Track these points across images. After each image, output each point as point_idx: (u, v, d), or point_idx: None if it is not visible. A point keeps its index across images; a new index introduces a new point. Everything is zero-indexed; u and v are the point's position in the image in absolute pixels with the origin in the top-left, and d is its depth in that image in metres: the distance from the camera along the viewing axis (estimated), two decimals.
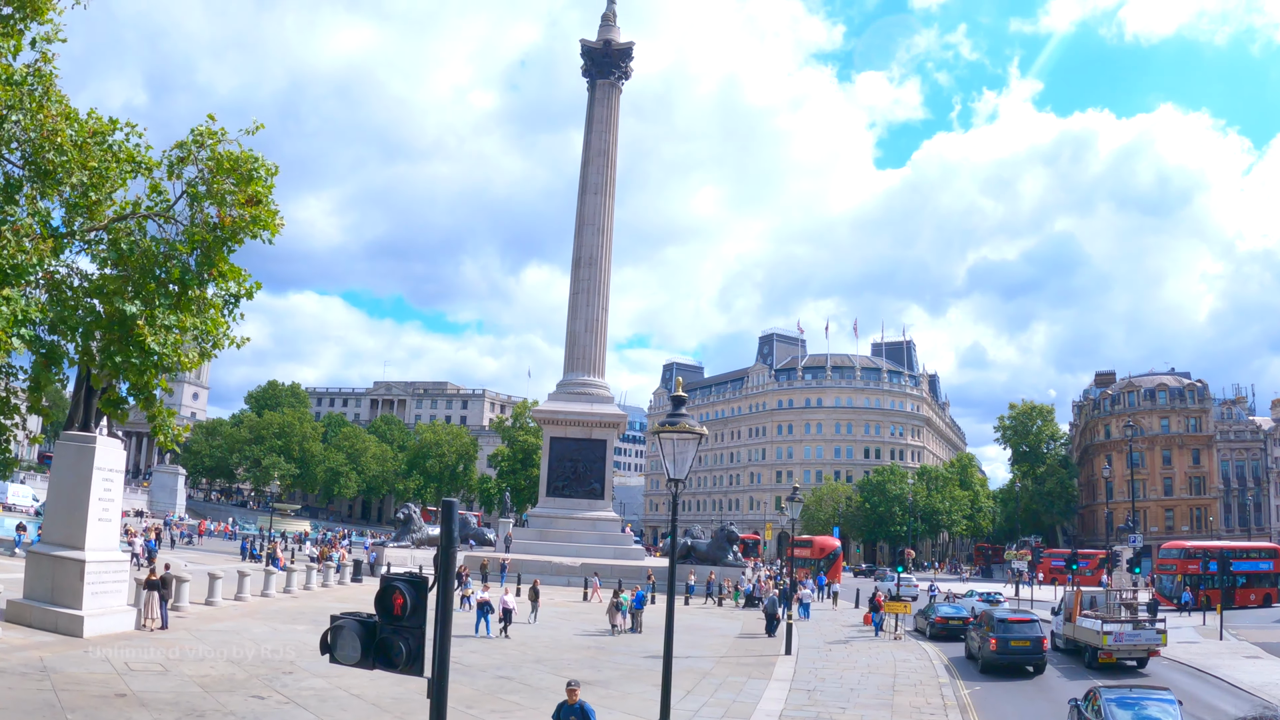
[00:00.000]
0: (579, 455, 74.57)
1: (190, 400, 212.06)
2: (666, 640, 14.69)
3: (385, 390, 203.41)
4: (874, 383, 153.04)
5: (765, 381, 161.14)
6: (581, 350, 77.76)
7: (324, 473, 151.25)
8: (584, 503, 72.89)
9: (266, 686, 23.00)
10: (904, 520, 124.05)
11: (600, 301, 78.00)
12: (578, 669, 27.65)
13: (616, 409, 76.35)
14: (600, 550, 67.69)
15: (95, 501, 28.87)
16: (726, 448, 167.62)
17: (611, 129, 79.80)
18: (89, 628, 27.20)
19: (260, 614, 37.00)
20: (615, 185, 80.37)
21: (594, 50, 79.91)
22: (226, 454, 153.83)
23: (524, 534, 75.31)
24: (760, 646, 35.35)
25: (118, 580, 29.59)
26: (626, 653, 32.35)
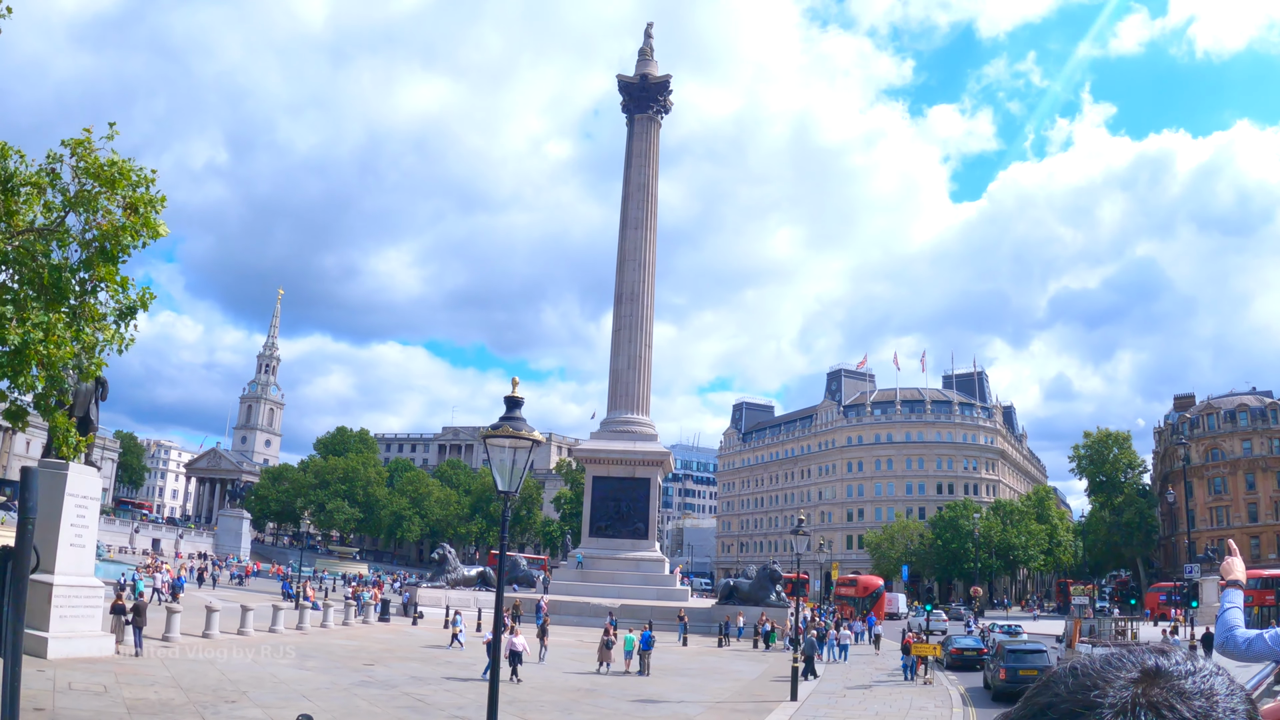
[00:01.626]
0: (622, 494, 72.86)
1: (263, 447, 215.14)
2: (491, 682, 12.64)
3: (453, 435, 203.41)
4: (945, 415, 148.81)
5: (834, 418, 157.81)
6: (624, 387, 76.26)
7: (388, 517, 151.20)
8: (627, 543, 71.06)
9: (197, 713, 22.31)
10: (978, 556, 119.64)
11: (643, 338, 76.49)
12: (549, 712, 26.08)
13: (660, 446, 74.44)
14: (643, 591, 65.70)
15: (67, 527, 29.22)
16: (796, 486, 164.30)
17: (651, 163, 78.63)
18: (53, 649, 27.17)
19: (252, 647, 36.13)
20: (657, 219, 79.20)
21: (630, 85, 79.06)
22: (292, 498, 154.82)
23: (565, 574, 74.03)
24: (769, 692, 32.98)
25: (90, 605, 29.76)
26: (614, 696, 30.37)
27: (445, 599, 62.33)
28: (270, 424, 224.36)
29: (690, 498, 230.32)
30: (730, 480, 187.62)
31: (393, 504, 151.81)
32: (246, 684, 27.07)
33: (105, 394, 34.30)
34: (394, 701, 26.81)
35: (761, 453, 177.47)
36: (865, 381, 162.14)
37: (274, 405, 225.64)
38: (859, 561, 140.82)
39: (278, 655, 34.40)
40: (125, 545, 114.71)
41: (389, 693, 28.18)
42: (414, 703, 26.81)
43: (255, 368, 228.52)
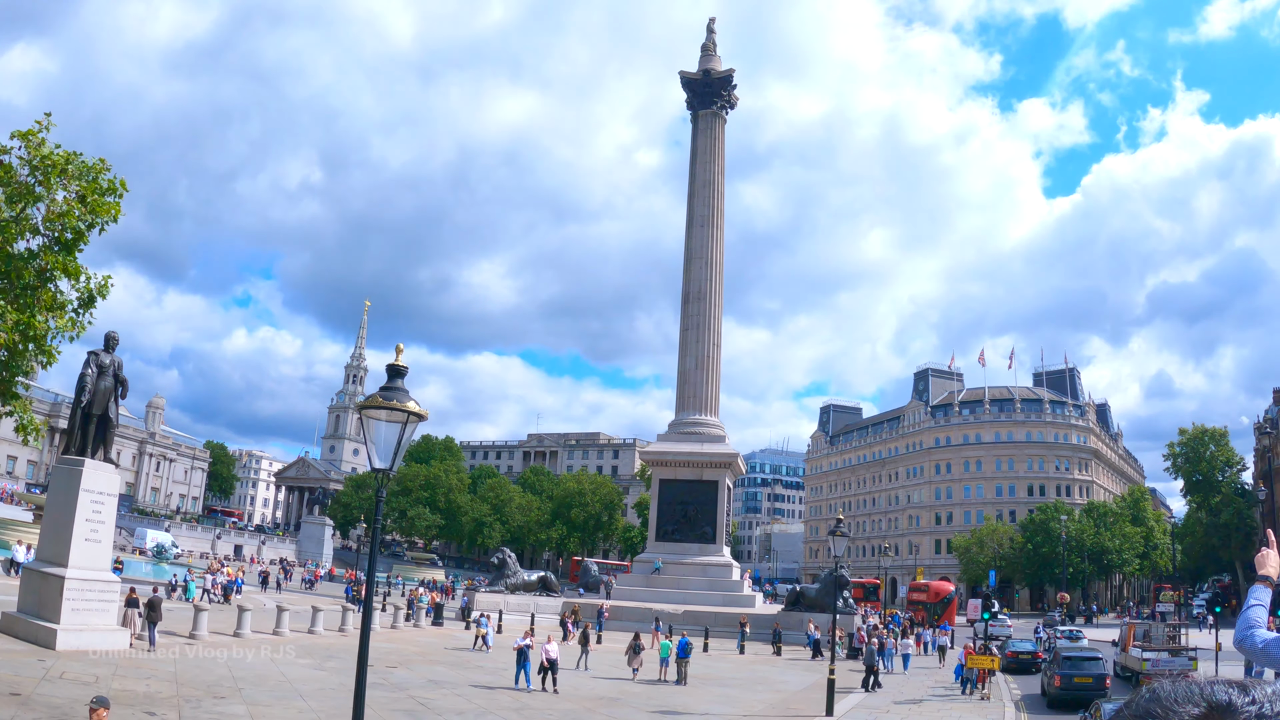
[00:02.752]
0: (689, 497, 70.99)
1: (351, 456, 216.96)
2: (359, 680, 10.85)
3: (537, 442, 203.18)
4: (1035, 414, 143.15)
5: (921, 419, 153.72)
6: (692, 388, 74.48)
7: (469, 523, 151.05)
8: (694, 547, 69.14)
9: (177, 707, 21.85)
10: (1070, 561, 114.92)
11: (710, 337, 74.64)
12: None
13: (728, 448, 72.23)
14: (708, 597, 63.69)
15: (82, 522, 29.54)
16: (885, 490, 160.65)
17: (716, 159, 76.81)
18: (62, 641, 27.32)
19: (279, 647, 35.40)
20: (724, 217, 77.26)
21: (694, 81, 77.37)
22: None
23: (630, 580, 72.43)
24: (807, 706, 30.59)
25: (104, 599, 29.80)
26: (634, 707, 28.53)
27: (504, 604, 60.95)
28: (358, 433, 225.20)
29: (780, 502, 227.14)
30: (818, 484, 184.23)
31: (474, 510, 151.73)
32: (248, 681, 26.53)
33: (125, 392, 33.61)
34: (395, 705, 25.52)
35: (849, 455, 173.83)
36: (953, 381, 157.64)
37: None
38: (946, 567, 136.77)
39: (300, 655, 33.92)
40: (206, 550, 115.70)
41: (394, 695, 26.85)
42: (416, 706, 25.50)
43: (344, 378, 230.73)
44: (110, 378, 32.46)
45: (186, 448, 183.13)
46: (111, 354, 33.03)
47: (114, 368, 32.69)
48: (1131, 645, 43.69)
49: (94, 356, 32.62)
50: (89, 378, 32.02)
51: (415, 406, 11.75)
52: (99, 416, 32.31)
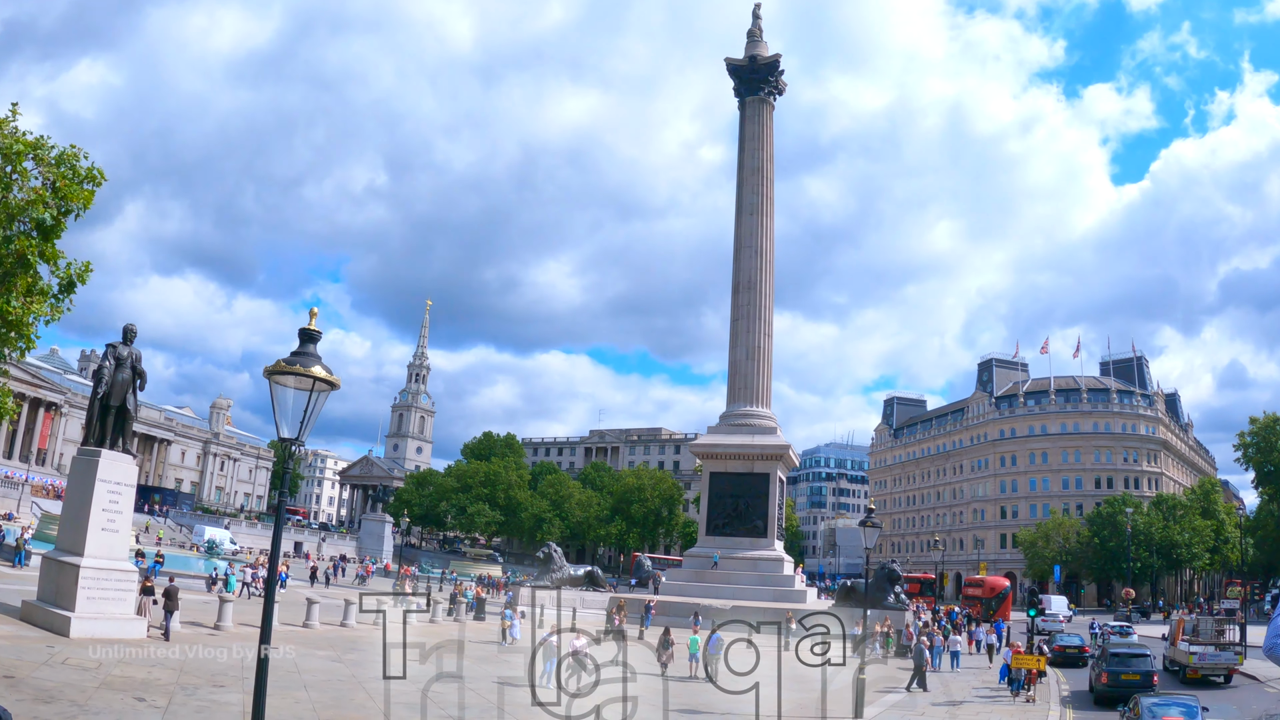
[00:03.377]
0: (740, 491, 69.67)
1: (414, 454, 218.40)
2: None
3: (599, 438, 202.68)
4: (1102, 405, 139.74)
5: (985, 410, 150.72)
6: (743, 379, 73.08)
7: (529, 519, 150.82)
8: (745, 541, 67.67)
9: (171, 693, 21.59)
10: (1138, 555, 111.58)
11: (761, 327, 73.20)
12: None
13: (779, 439, 70.58)
14: (758, 592, 62.24)
15: (99, 512, 29.92)
16: (949, 483, 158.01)
17: (765, 145, 75.34)
18: (76, 629, 27.56)
19: (304, 640, 35.27)
20: (774, 204, 75.87)
21: (740, 67, 76.02)
22: (436, 502, 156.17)
23: (679, 575, 71.38)
24: (838, 707, 28.73)
25: (122, 589, 30.09)
26: (649, 704, 27.20)
27: (550, 598, 60.14)
28: (421, 431, 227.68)
29: (844, 497, 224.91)
30: (882, 478, 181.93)
31: (533, 507, 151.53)
32: (248, 671, 25.07)
33: (143, 384, 33.36)
34: (403, 697, 24.60)
35: (912, 449, 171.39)
36: (1018, 371, 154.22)
37: (424, 413, 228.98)
38: (1012, 562, 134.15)
39: (323, 647, 33.50)
40: (265, 547, 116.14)
41: (403, 688, 25.88)
42: (417, 699, 24.51)
43: (406, 377, 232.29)
44: (128, 369, 32.44)
45: (250, 447, 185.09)
46: (130, 346, 32.97)
47: (132, 359, 32.63)
48: (1180, 639, 43.26)
49: (112, 349, 32.68)
50: (107, 370, 32.12)
51: (323, 372, 10.87)
52: (117, 408, 32.27)
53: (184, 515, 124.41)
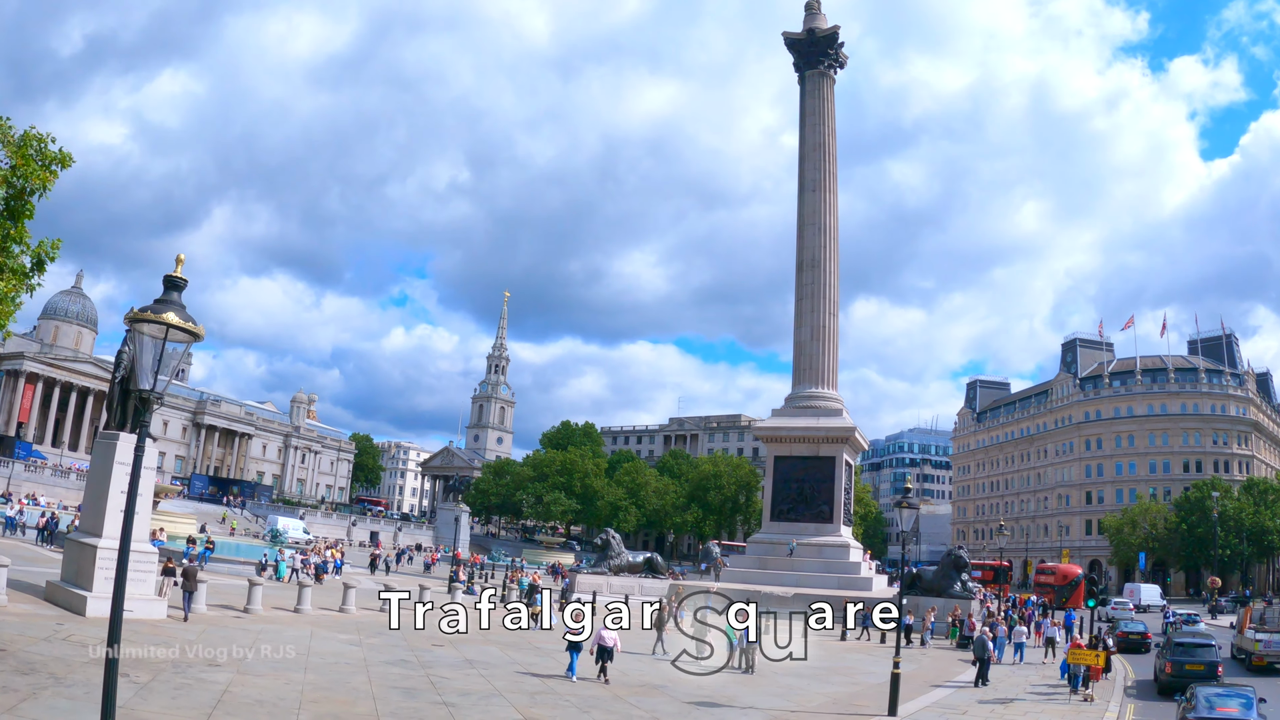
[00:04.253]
0: (805, 475, 67.82)
1: (495, 444, 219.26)
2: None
3: (678, 426, 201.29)
4: (1190, 385, 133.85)
5: (1070, 392, 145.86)
6: (808, 360, 71.25)
7: (605, 507, 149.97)
8: (810, 527, 65.84)
9: (159, 671, 21.18)
10: (1227, 542, 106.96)
11: (826, 306, 71.35)
12: (563, 709, 22.28)
13: (845, 421, 68.36)
14: (822, 579, 60.31)
15: (117, 494, 30.07)
16: (1032, 468, 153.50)
17: (826, 120, 73.38)
18: (91, 608, 27.86)
19: (332, 624, 34.84)
20: (837, 180, 73.94)
21: (798, 41, 74.13)
22: (512, 491, 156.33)
23: (741, 562, 69.80)
24: (872, 703, 26.76)
25: (141, 569, 30.07)
26: (673, 696, 25.76)
27: (607, 585, 59.23)
28: (501, 422, 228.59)
29: (928, 483, 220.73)
30: (965, 463, 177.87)
31: (609, 495, 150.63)
32: (253, 654, 25.37)
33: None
34: (404, 681, 23.99)
35: (995, 432, 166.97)
36: (1103, 351, 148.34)
37: (504, 404, 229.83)
38: (1096, 549, 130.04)
39: (347, 631, 32.84)
40: (341, 537, 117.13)
41: (409, 673, 25.26)
42: (420, 684, 23.84)
43: (486, 369, 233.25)
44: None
45: (332, 440, 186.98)
46: None
47: None
48: (1247, 627, 42.75)
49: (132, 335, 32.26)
50: (126, 354, 32.36)
51: (177, 319, 9.76)
52: (137, 392, 31.56)
53: (261, 507, 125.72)
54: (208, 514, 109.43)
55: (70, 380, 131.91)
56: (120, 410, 32.73)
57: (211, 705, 18.57)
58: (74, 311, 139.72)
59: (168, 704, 18.33)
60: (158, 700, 18.50)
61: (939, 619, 50.02)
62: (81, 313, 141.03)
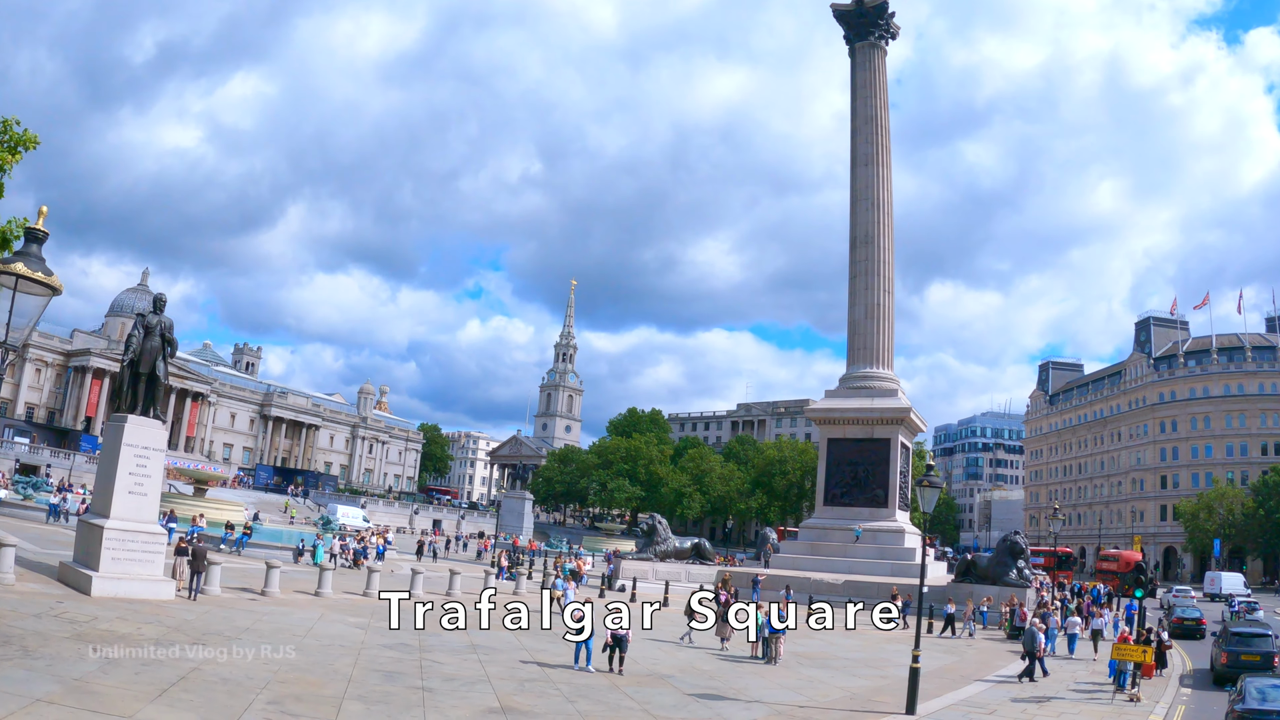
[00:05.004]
0: (859, 458, 65.86)
1: (563, 433, 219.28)
2: None
3: (745, 412, 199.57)
4: (1268, 364, 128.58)
5: (1143, 372, 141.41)
6: (862, 339, 69.32)
7: (669, 494, 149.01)
8: (864, 511, 63.87)
9: (136, 646, 20.81)
10: None
11: (881, 284, 69.27)
12: (551, 699, 21.02)
13: (900, 402, 66.05)
14: (875, 566, 58.51)
15: (125, 475, 30.24)
16: (1106, 451, 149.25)
17: (877, 93, 71.37)
18: (96, 587, 28.06)
19: (345, 607, 34.17)
20: (890, 154, 71.86)
21: (847, 13, 72.33)
22: (577, 479, 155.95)
23: (793, 547, 68.06)
24: (891, 699, 24.64)
25: (150, 551, 30.29)
26: (678, 687, 24.09)
27: (653, 571, 58.06)
28: (570, 410, 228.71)
29: (1001, 468, 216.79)
30: (1037, 447, 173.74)
31: (674, 481, 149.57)
32: (256, 632, 25.39)
33: (173, 352, 33.93)
34: (393, 664, 23.05)
35: (1068, 415, 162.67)
36: (1177, 329, 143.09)
37: (573, 392, 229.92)
38: (1171, 535, 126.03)
39: (361, 614, 32.11)
40: (404, 525, 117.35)
41: (402, 656, 24.46)
42: (408, 668, 22.85)
43: (554, 357, 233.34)
44: (157, 337, 32.83)
45: (399, 430, 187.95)
46: (160, 315, 33.46)
47: (161, 328, 33.05)
48: None
49: (141, 318, 33.33)
50: (136, 338, 32.55)
51: (25, 269, 8.82)
52: (147, 375, 32.55)
53: (323, 496, 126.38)
54: (269, 503, 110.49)
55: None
56: (131, 393, 32.52)
57: (171, 682, 17.94)
58: (140, 308, 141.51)
59: (127, 679, 17.84)
60: (118, 675, 18.04)
61: (992, 608, 47.80)
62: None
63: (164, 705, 16.42)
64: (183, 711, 16.20)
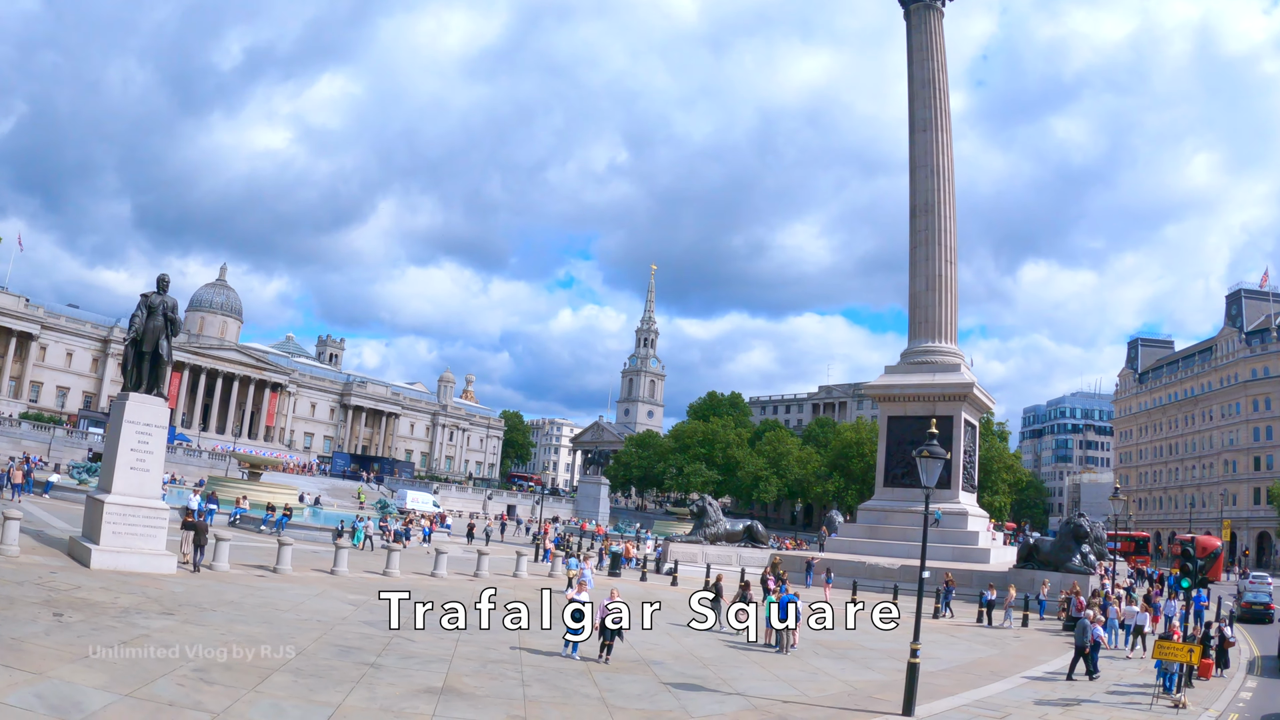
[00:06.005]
0: (919, 437, 62.63)
1: (645, 418, 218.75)
2: None
3: (825, 394, 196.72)
4: None
5: (1234, 348, 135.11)
6: (923, 312, 67.12)
7: (746, 478, 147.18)
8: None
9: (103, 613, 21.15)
10: None
11: (942, 253, 66.85)
12: (504, 681, 19.80)
13: (963, 377, 63.40)
14: (935, 550, 55.11)
15: (126, 451, 30.87)
16: (1198, 431, 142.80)
17: (934, 56, 69.02)
18: (96, 560, 28.74)
19: (354, 584, 33.67)
20: (949, 119, 69.42)
21: None
22: (654, 463, 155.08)
23: (851, 530, 65.71)
24: (897, 697, 21.01)
25: (150, 525, 30.70)
26: (664, 676, 22.21)
27: (702, 554, 56.63)
28: (652, 395, 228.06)
29: (1091, 450, 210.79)
30: (1127, 428, 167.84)
31: (750, 465, 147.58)
32: (238, 606, 25.46)
33: (176, 330, 34.19)
34: (360, 641, 22.36)
35: (1158, 394, 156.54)
36: (1270, 303, 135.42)
37: (654, 377, 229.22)
38: (1265, 520, 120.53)
39: (362, 593, 31.32)
40: (476, 510, 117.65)
41: (373, 633, 23.77)
42: (372, 645, 22.08)
43: (634, 342, 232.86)
44: (160, 317, 33.33)
45: (480, 417, 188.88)
46: (163, 295, 33.85)
47: (164, 308, 33.51)
48: None
49: (144, 299, 33.68)
50: (139, 318, 33.11)
51: None
52: (150, 354, 33.00)
53: (398, 481, 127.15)
54: (342, 489, 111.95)
55: (215, 367, 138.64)
56: (135, 371, 33.02)
57: (109, 646, 17.72)
58: (218, 303, 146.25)
59: (65, 641, 17.81)
60: (60, 638, 18.18)
61: (1051, 595, 45.20)
62: (225, 303, 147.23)
63: (82, 666, 16.19)
64: (97, 673, 15.89)
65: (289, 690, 16.77)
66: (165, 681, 15.96)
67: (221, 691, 16.00)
